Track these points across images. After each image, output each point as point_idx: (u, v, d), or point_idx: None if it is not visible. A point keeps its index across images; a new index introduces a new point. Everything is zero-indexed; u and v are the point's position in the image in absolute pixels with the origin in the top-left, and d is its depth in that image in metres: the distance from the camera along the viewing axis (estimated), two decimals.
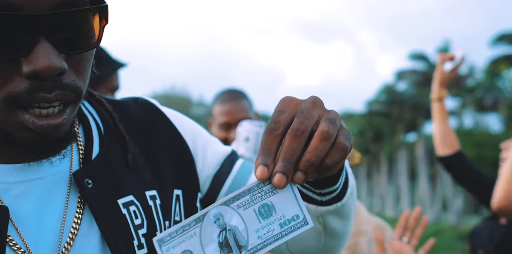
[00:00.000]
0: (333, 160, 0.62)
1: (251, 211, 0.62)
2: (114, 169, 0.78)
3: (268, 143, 0.61)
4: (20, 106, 0.65)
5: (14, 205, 0.71)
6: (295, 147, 0.60)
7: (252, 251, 0.61)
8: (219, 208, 0.61)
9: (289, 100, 0.64)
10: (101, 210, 0.74)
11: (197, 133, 0.91)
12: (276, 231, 0.62)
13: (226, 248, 0.61)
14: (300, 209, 0.62)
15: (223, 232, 0.61)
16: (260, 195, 0.62)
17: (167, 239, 0.60)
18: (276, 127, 0.61)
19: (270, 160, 0.61)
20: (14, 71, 0.63)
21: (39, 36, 0.62)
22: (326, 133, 0.61)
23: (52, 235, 0.72)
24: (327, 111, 0.64)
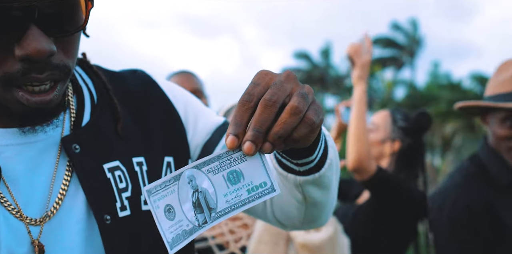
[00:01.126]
0: (300, 134, 0.64)
1: (220, 176, 0.64)
2: (103, 136, 0.82)
3: (240, 113, 0.63)
4: (14, 85, 0.71)
5: (6, 165, 0.75)
6: (266, 117, 0.62)
7: (220, 213, 0.63)
8: (192, 170, 0.64)
9: (264, 73, 0.66)
10: (86, 174, 0.78)
11: (189, 103, 0.94)
12: (243, 196, 0.64)
13: (198, 208, 0.64)
14: (268, 176, 0.64)
15: (195, 193, 0.64)
16: (230, 161, 0.64)
17: (154, 191, 0.65)
18: (249, 98, 0.63)
19: (241, 130, 0.62)
20: (8, 54, 0.69)
21: (30, 23, 0.67)
22: (296, 108, 0.62)
23: (41, 196, 0.77)
24: (300, 86, 0.66)
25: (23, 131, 0.77)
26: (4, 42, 0.68)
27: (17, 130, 0.78)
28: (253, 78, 0.65)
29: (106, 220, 0.78)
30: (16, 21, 0.67)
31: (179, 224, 0.64)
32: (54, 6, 0.69)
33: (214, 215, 0.63)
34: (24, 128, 0.77)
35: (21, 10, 0.66)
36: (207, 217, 0.63)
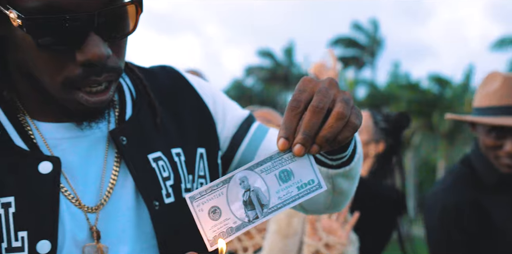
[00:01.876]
0: (344, 137, 0.71)
1: (272, 175, 0.70)
2: (145, 129, 0.88)
3: (290, 119, 0.69)
4: (75, 87, 0.77)
5: (63, 158, 0.81)
6: (315, 122, 0.68)
7: (273, 209, 0.70)
8: (244, 172, 0.70)
9: (308, 80, 0.72)
10: (134, 163, 0.84)
11: (217, 97, 1.00)
12: (294, 192, 0.70)
13: (249, 205, 0.69)
14: (315, 174, 0.71)
15: (247, 192, 0.70)
16: (281, 162, 0.71)
17: (198, 196, 0.69)
18: (298, 105, 0.69)
19: (291, 133, 0.69)
20: (69, 60, 0.75)
21: (90, 31, 0.74)
22: (341, 114, 0.69)
23: (95, 185, 0.83)
24: (341, 91, 0.72)
25: (80, 128, 0.83)
26: (67, 49, 0.74)
27: (69, 125, 0.84)
28: (298, 85, 0.72)
29: (155, 206, 0.84)
30: (77, 29, 0.73)
31: (225, 223, 0.69)
32: (110, 13, 0.75)
33: (266, 211, 0.69)
34: (81, 124, 0.83)
35: (82, 19, 0.72)
36: (259, 213, 0.69)
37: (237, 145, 0.97)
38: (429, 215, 2.00)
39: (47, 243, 0.77)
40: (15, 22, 0.72)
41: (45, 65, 0.75)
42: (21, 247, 0.77)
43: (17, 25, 0.72)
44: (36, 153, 0.80)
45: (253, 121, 1.01)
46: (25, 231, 0.77)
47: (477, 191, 1.91)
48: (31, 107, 0.84)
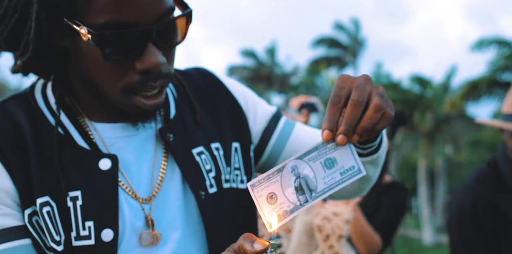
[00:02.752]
0: (382, 127, 0.79)
1: (318, 163, 0.78)
2: (187, 126, 0.97)
3: (332, 112, 0.77)
4: (133, 92, 0.85)
5: (119, 155, 0.90)
6: (356, 115, 0.77)
7: (320, 193, 0.78)
8: (295, 161, 0.78)
9: (345, 78, 0.80)
10: (181, 157, 0.93)
11: (248, 95, 1.08)
12: (337, 178, 0.78)
13: (300, 190, 0.77)
14: (356, 161, 0.79)
15: (298, 179, 0.77)
16: (325, 151, 0.79)
17: (257, 184, 0.76)
18: (339, 100, 0.78)
19: (334, 125, 0.77)
20: (129, 68, 0.83)
21: (148, 42, 0.82)
22: (379, 106, 0.77)
23: (147, 179, 0.92)
24: (376, 86, 0.80)
25: (135, 128, 0.92)
26: (128, 58, 0.82)
27: (123, 125, 0.93)
28: (336, 82, 0.80)
29: (201, 195, 0.92)
30: (137, 41, 0.81)
31: (280, 206, 0.76)
32: (165, 26, 0.83)
33: (314, 195, 0.77)
34: (136, 124, 0.92)
35: (142, 32, 0.81)
36: (308, 197, 0.77)
37: (268, 139, 1.05)
38: (449, 213, 2.10)
39: (110, 232, 0.86)
40: (85, 37, 0.81)
41: (108, 74, 0.84)
42: (88, 235, 0.85)
43: (86, 40, 0.81)
44: (96, 152, 0.89)
45: (280, 117, 1.09)
46: (91, 221, 0.86)
47: (496, 192, 2.00)
48: (88, 110, 0.93)
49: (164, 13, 0.83)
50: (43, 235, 0.86)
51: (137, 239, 0.89)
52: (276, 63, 34.76)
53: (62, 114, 0.92)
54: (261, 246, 0.68)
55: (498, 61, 18.26)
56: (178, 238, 0.92)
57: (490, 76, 18.50)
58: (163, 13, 0.82)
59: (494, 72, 18.55)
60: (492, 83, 18.31)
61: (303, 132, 1.08)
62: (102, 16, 0.79)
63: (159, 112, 0.97)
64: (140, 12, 0.80)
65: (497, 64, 18.37)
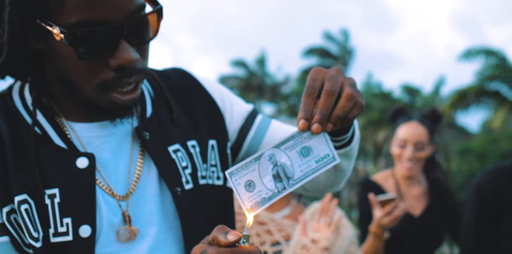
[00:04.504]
0: (354, 115, 0.83)
1: (294, 152, 0.81)
2: (164, 124, 0.99)
3: (307, 102, 0.81)
4: (109, 88, 0.88)
5: (96, 153, 0.93)
6: (329, 104, 0.80)
7: (297, 180, 0.80)
8: (272, 150, 0.80)
9: (319, 70, 0.83)
10: (157, 155, 0.95)
11: (224, 94, 1.10)
12: (313, 165, 0.81)
13: (278, 178, 0.79)
14: (330, 149, 0.82)
15: (275, 167, 0.80)
16: (301, 140, 0.81)
17: (235, 172, 0.78)
18: (313, 91, 0.81)
19: (309, 115, 0.80)
20: (103, 65, 0.86)
21: (120, 39, 0.84)
22: (351, 95, 0.81)
23: (124, 176, 0.94)
24: (347, 77, 0.83)
25: (114, 124, 0.94)
26: (101, 56, 0.85)
27: (100, 124, 0.95)
28: (310, 74, 0.83)
29: (178, 191, 0.95)
30: (110, 38, 0.84)
31: (258, 194, 0.78)
32: (136, 22, 0.85)
33: (291, 182, 0.79)
34: (114, 121, 0.94)
35: (113, 30, 0.83)
36: (286, 184, 0.79)
37: (245, 136, 1.08)
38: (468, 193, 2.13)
39: (88, 228, 0.88)
40: (58, 36, 0.83)
41: (83, 72, 0.86)
42: (66, 231, 0.88)
43: (59, 39, 0.83)
44: (73, 150, 0.91)
45: (257, 114, 1.12)
46: (69, 217, 0.88)
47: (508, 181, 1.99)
48: (66, 110, 0.95)
49: (134, 10, 0.85)
50: (21, 232, 0.87)
51: (114, 234, 0.92)
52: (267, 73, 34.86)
53: (39, 114, 0.94)
54: (234, 237, 0.70)
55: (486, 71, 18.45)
56: (155, 233, 0.94)
57: (478, 86, 18.67)
58: (133, 10, 0.85)
59: (482, 81, 18.72)
60: (480, 92, 18.47)
61: (279, 129, 1.11)
62: (74, 15, 0.81)
63: (136, 111, 0.99)
64: (111, 10, 0.82)
65: (484, 74, 18.55)
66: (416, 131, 2.50)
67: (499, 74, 18.12)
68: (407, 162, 2.50)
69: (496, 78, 18.32)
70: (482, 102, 18.80)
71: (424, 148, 2.50)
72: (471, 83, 19.41)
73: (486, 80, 18.64)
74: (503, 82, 18.23)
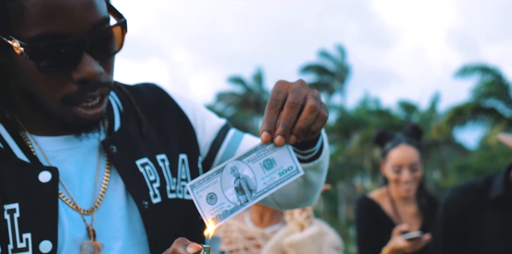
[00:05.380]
0: (317, 127, 0.82)
1: (258, 164, 0.80)
2: (132, 138, 0.98)
3: (270, 115, 0.81)
4: (73, 103, 0.87)
5: (60, 167, 0.91)
6: (292, 116, 0.80)
7: (260, 193, 0.80)
8: (234, 162, 0.80)
9: (282, 83, 0.84)
10: (124, 169, 0.94)
11: (196, 109, 1.09)
12: (276, 178, 0.81)
13: (240, 191, 0.79)
14: (294, 161, 0.82)
15: (238, 180, 0.79)
16: (264, 152, 0.81)
17: (197, 185, 0.78)
18: (276, 103, 0.81)
19: (272, 127, 0.80)
20: (66, 79, 0.85)
21: (82, 52, 0.83)
22: (314, 107, 0.80)
23: (89, 190, 0.92)
24: (311, 90, 0.83)
25: (79, 139, 0.93)
26: (63, 69, 0.84)
27: (65, 137, 0.94)
28: (274, 87, 0.83)
29: (145, 205, 0.93)
30: (72, 51, 0.83)
31: (220, 206, 0.77)
32: (99, 35, 0.85)
33: (254, 195, 0.79)
34: (80, 135, 0.93)
35: (75, 43, 0.82)
36: (248, 197, 0.79)
37: (216, 150, 1.07)
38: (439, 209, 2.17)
39: (48, 243, 0.86)
40: (18, 50, 0.82)
41: (46, 85, 0.85)
42: (25, 247, 0.86)
43: (20, 53, 0.82)
44: (36, 165, 0.90)
45: (229, 129, 1.11)
46: (29, 233, 0.86)
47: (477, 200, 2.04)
48: (30, 124, 0.94)
49: (97, 23, 0.85)
50: None
51: (77, 249, 0.90)
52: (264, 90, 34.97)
53: (3, 129, 0.93)
54: (193, 249, 0.71)
55: (482, 88, 18.56)
56: (120, 248, 0.93)
57: (475, 102, 18.77)
58: (96, 23, 0.84)
59: (478, 98, 18.82)
60: (476, 109, 18.56)
61: (251, 143, 1.09)
62: (35, 29, 0.81)
63: (103, 125, 0.98)
64: (72, 23, 0.82)
65: (480, 91, 18.65)
66: (407, 154, 2.53)
67: (495, 91, 18.23)
68: (405, 184, 2.52)
69: (492, 95, 18.42)
70: (479, 119, 18.87)
71: (418, 168, 2.54)
72: (467, 100, 19.51)
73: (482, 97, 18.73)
74: (499, 99, 18.32)
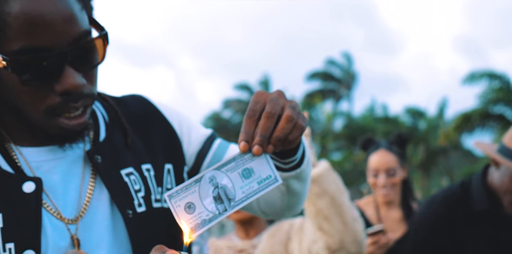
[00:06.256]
0: (294, 136, 0.84)
1: (236, 173, 0.82)
2: (117, 148, 0.99)
3: (248, 125, 0.82)
4: (56, 114, 0.89)
5: (45, 177, 0.92)
6: (269, 126, 0.81)
7: (239, 202, 0.81)
8: (213, 172, 0.80)
9: (260, 93, 0.86)
10: (109, 178, 0.95)
11: (182, 119, 1.11)
12: (255, 187, 0.82)
13: (219, 200, 0.80)
14: (272, 170, 0.83)
15: (216, 189, 0.80)
16: (242, 162, 0.82)
17: (175, 194, 0.78)
18: (254, 113, 0.83)
19: (250, 137, 0.82)
20: (48, 91, 0.87)
21: (64, 64, 0.85)
22: (290, 117, 0.82)
23: (74, 200, 0.94)
24: (289, 100, 0.85)
25: (63, 149, 0.95)
26: (46, 82, 0.86)
27: (49, 148, 0.95)
28: (252, 97, 0.85)
29: (129, 214, 0.94)
30: (54, 64, 0.85)
31: (199, 216, 0.78)
32: (81, 48, 0.87)
33: (233, 204, 0.80)
34: (64, 146, 0.94)
35: (57, 55, 0.84)
36: (227, 206, 0.80)
37: (202, 160, 1.08)
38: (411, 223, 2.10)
39: (32, 252, 0.87)
40: (0, 63, 0.84)
41: (29, 97, 0.87)
42: None
43: (2, 66, 0.84)
44: (20, 175, 0.91)
45: (215, 139, 1.12)
46: (12, 242, 0.87)
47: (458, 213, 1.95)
48: (15, 135, 0.95)
49: (78, 36, 0.86)
50: None
51: None
52: None
53: None
54: None
55: (489, 94, 18.48)
56: None
57: (482, 109, 18.69)
58: (77, 36, 0.86)
59: (486, 104, 18.74)
60: (484, 116, 18.48)
61: None
62: (17, 42, 0.83)
63: (88, 135, 0.99)
64: (53, 36, 0.83)
65: (487, 97, 18.58)
66: (384, 158, 2.64)
67: (502, 97, 18.14)
68: (382, 189, 2.64)
69: (500, 101, 18.34)
70: (487, 126, 18.77)
71: (396, 173, 2.63)
72: (475, 106, 19.42)
73: (490, 104, 18.66)
74: (507, 105, 18.24)
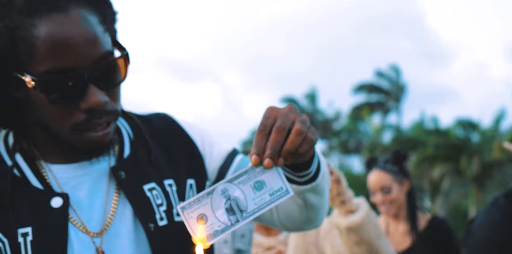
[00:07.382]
0: (304, 149, 0.86)
1: (248, 186, 0.85)
2: (141, 165, 1.04)
3: (259, 139, 0.86)
4: (82, 130, 0.94)
5: (72, 193, 0.98)
6: (279, 139, 0.85)
7: (251, 213, 0.84)
8: (225, 184, 0.84)
9: (272, 108, 0.89)
10: (132, 193, 1.00)
11: (204, 135, 1.16)
12: (267, 199, 0.85)
13: (231, 211, 0.83)
14: (283, 182, 0.86)
15: (228, 201, 0.83)
16: (254, 174, 0.85)
17: (187, 206, 0.82)
18: (265, 128, 0.86)
19: (261, 150, 0.85)
20: (74, 109, 0.92)
21: (88, 84, 0.90)
22: (300, 130, 0.85)
23: (98, 214, 0.99)
24: (299, 115, 0.89)
25: (91, 163, 1.00)
26: (72, 100, 0.91)
27: (77, 165, 1.01)
28: (264, 112, 0.88)
29: (151, 227, 0.98)
30: (78, 83, 0.90)
31: (211, 227, 0.81)
32: (103, 67, 0.92)
33: (245, 215, 0.83)
34: (91, 159, 1.00)
35: (81, 75, 0.89)
36: (239, 217, 0.83)
37: (223, 174, 1.12)
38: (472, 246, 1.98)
39: None
40: (29, 84, 0.90)
41: (56, 115, 0.93)
42: None
43: (31, 87, 0.90)
44: (48, 191, 0.97)
45: (236, 154, 1.15)
46: None
47: None
48: (45, 153, 1.01)
49: (101, 57, 0.92)
50: None
51: None
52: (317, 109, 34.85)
53: (20, 158, 1.01)
54: None
55: None
56: None
57: None
58: (100, 56, 0.91)
59: None
60: None
61: None
62: (44, 64, 0.89)
63: (113, 151, 1.05)
64: (77, 58, 0.89)
65: None
66: (378, 178, 2.81)
67: None
68: (381, 206, 2.83)
69: None
70: None
71: (391, 190, 2.78)
72: None
73: None
74: None
